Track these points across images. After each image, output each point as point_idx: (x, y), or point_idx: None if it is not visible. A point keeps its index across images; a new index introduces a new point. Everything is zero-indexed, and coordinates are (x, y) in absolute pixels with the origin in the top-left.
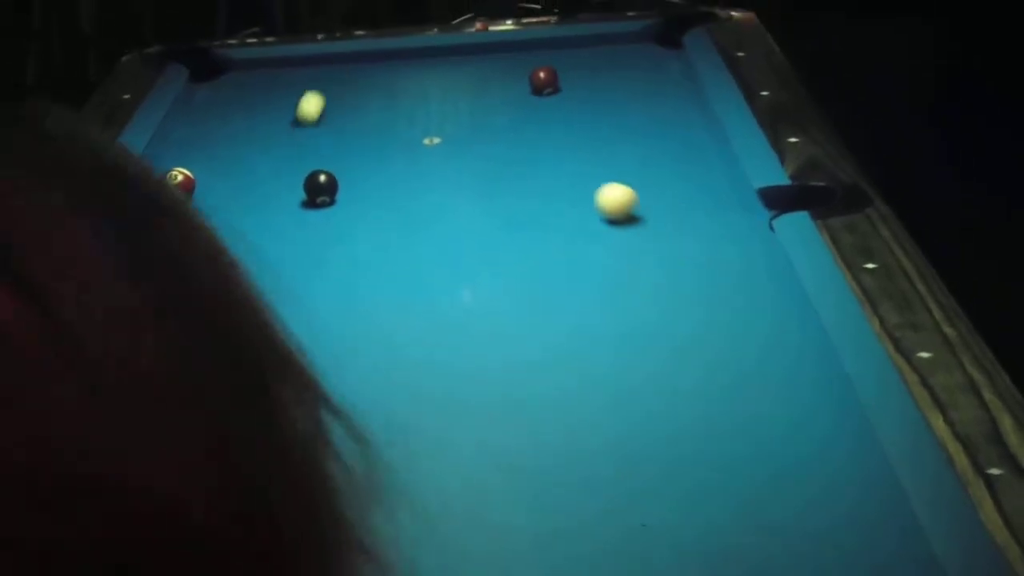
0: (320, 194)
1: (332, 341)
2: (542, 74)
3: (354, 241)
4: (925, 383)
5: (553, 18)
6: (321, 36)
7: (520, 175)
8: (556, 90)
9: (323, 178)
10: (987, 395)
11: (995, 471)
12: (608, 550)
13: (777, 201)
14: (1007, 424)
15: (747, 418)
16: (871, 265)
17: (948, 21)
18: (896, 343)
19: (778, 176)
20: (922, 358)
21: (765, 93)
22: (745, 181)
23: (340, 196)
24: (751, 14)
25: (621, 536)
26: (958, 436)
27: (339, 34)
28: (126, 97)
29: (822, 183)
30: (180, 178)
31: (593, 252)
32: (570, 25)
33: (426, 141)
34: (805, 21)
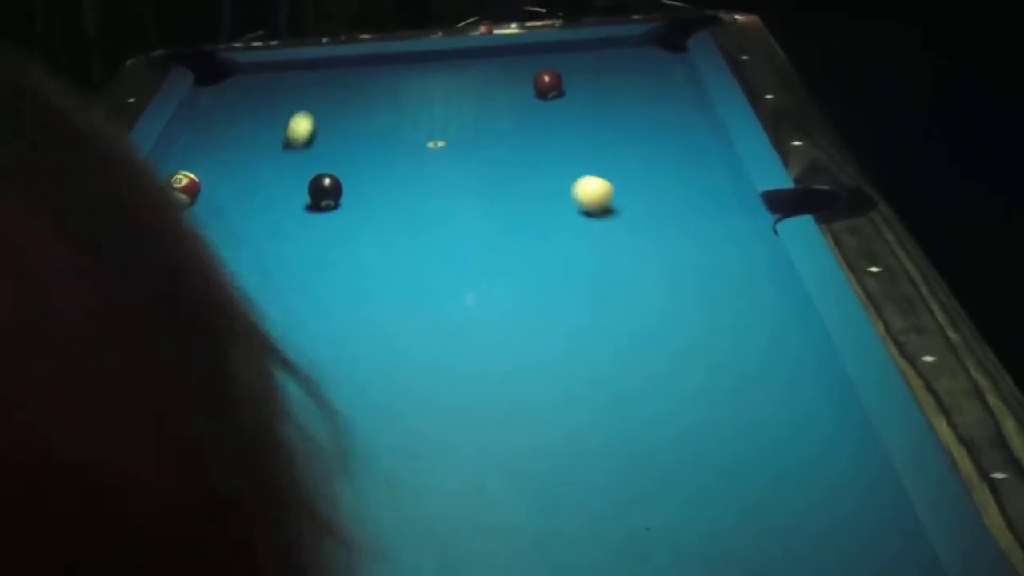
0: (325, 197)
1: (336, 344)
2: (546, 78)
3: (358, 244)
4: (930, 387)
5: (557, 22)
6: (326, 40)
7: (524, 179)
8: (560, 94)
9: (327, 182)
10: (991, 399)
11: (999, 475)
12: (610, 553)
13: (781, 204)
14: (1011, 428)
15: (750, 421)
16: (875, 269)
17: (948, 21)
18: (900, 347)
19: (782, 179)
20: (926, 362)
21: (769, 96)
22: (749, 184)
23: (344, 199)
24: (755, 18)
25: (623, 539)
26: (962, 440)
27: (343, 38)
28: (131, 101)
29: (826, 186)
30: (185, 181)
31: (597, 256)
32: (574, 29)
33: (430, 145)
34: (804, 22)
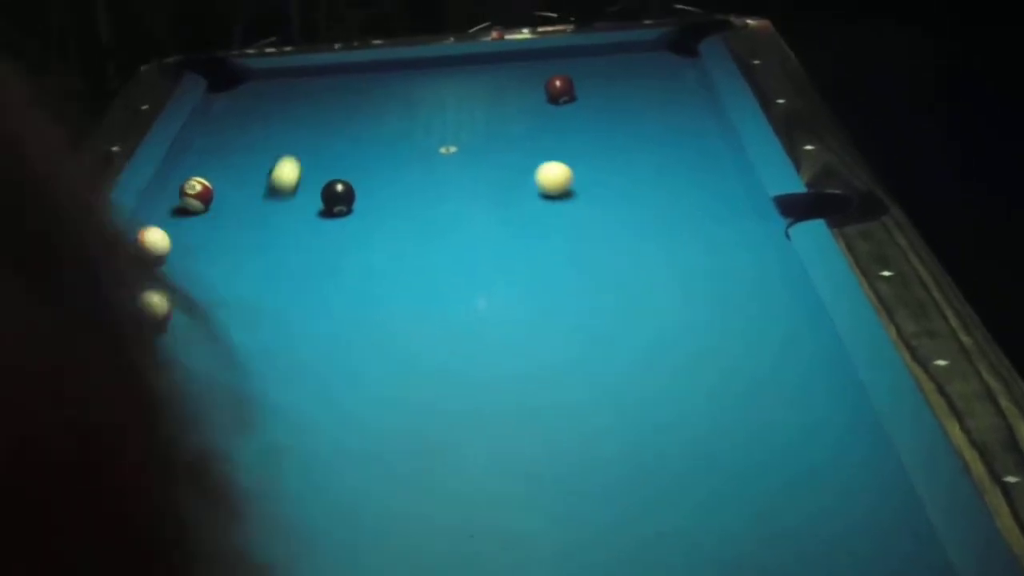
0: (337, 203)
1: (348, 349)
2: (558, 83)
3: (370, 250)
4: (942, 391)
5: (569, 27)
6: (338, 45)
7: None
8: (572, 99)
9: (340, 187)
10: (1004, 402)
11: (1012, 479)
12: (623, 558)
13: (793, 209)
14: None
15: (762, 425)
16: (887, 273)
17: (947, 21)
18: (913, 351)
19: (794, 184)
20: (939, 366)
21: (781, 101)
22: (761, 189)
23: (356, 205)
24: (766, 22)
25: (636, 544)
26: (974, 443)
27: (356, 43)
28: (144, 107)
29: (838, 191)
30: (199, 188)
31: (608, 260)
32: (586, 34)
33: (442, 150)
34: (805, 22)
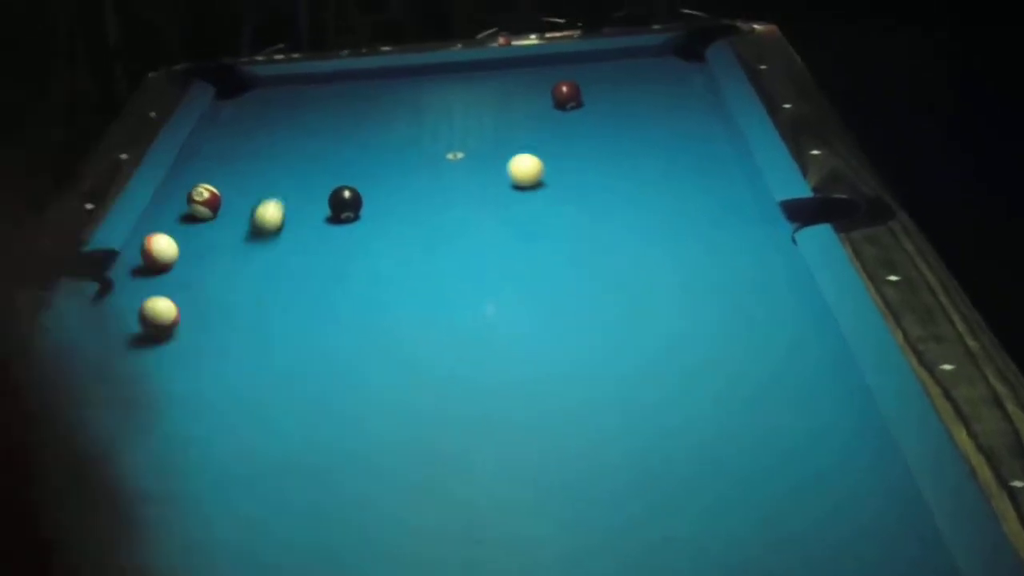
0: (344, 210)
1: (355, 355)
2: (565, 88)
3: (377, 256)
4: (948, 395)
5: (576, 33)
6: (346, 52)
7: (543, 190)
8: (579, 104)
9: (348, 194)
10: (1010, 407)
11: (1018, 483)
12: (630, 563)
13: (800, 214)
14: None
15: (768, 430)
16: (894, 278)
17: (949, 23)
18: (919, 356)
19: (801, 189)
20: (945, 370)
21: (787, 105)
22: (768, 194)
23: (364, 211)
24: (773, 27)
25: (643, 549)
26: (981, 448)
27: (364, 50)
28: (152, 114)
29: (845, 195)
30: (207, 195)
31: (615, 266)
32: (593, 39)
33: (449, 156)
34: (806, 22)
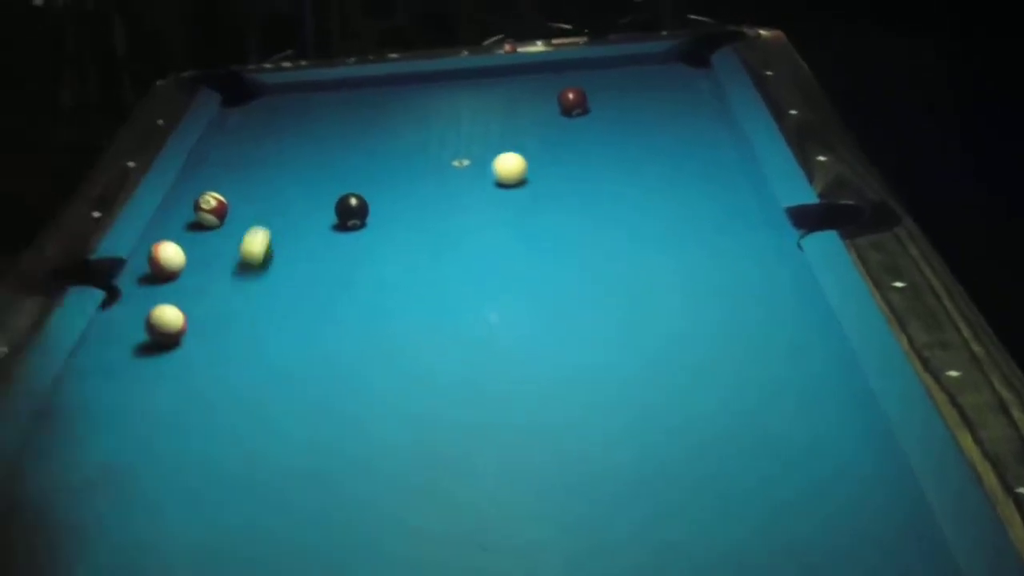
0: (351, 217)
1: (360, 360)
2: (571, 95)
3: (383, 262)
4: (954, 402)
5: (582, 39)
6: (352, 59)
7: (549, 196)
8: (585, 111)
9: (354, 201)
10: (1016, 413)
11: None
12: (633, 567)
13: (805, 220)
14: None
15: (772, 436)
16: (899, 284)
17: (949, 23)
18: (925, 362)
19: (806, 195)
20: (951, 377)
21: (793, 112)
22: (773, 200)
23: (370, 218)
24: (779, 33)
25: (646, 553)
26: (987, 455)
27: (371, 57)
28: (160, 122)
29: (850, 201)
30: (214, 203)
31: (620, 271)
32: (599, 46)
33: (455, 163)
34: (806, 22)
